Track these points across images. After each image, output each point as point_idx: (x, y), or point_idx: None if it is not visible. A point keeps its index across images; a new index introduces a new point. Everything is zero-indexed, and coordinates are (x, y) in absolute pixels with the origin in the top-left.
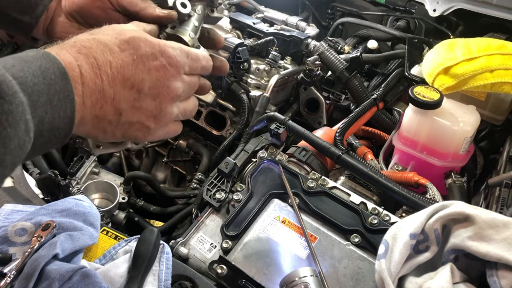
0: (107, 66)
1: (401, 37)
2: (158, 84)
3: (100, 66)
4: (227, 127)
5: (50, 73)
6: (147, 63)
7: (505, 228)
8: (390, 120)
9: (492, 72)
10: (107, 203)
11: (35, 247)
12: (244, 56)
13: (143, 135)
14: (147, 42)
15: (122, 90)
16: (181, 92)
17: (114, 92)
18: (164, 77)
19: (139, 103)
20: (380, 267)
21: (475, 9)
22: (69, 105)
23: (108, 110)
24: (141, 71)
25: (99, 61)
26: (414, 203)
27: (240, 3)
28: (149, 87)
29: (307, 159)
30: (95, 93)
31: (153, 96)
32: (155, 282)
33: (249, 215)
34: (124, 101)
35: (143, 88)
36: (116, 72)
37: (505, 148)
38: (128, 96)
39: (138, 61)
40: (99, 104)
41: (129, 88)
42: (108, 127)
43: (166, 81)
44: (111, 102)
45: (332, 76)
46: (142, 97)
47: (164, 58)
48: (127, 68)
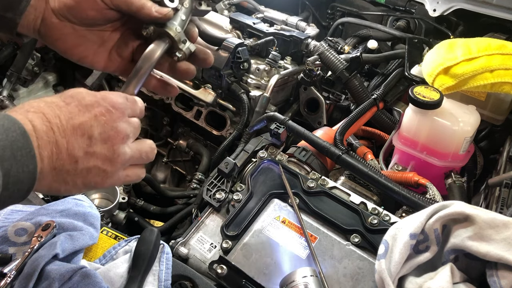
0: (57, 119)
1: (401, 37)
2: (106, 127)
3: (49, 119)
4: (227, 127)
5: (11, 131)
6: (92, 110)
7: (505, 228)
8: (390, 120)
9: (492, 72)
10: (107, 203)
11: (35, 247)
12: (244, 56)
13: (101, 180)
14: (89, 93)
15: (74, 139)
16: (130, 133)
17: (67, 142)
18: (111, 120)
19: (92, 148)
20: (380, 267)
21: (475, 9)
22: (31, 160)
23: (65, 159)
24: (88, 119)
25: (48, 116)
26: (414, 203)
27: (240, 3)
28: (98, 132)
29: (307, 159)
30: (49, 144)
31: (104, 140)
32: (155, 282)
33: (249, 215)
34: (78, 148)
35: (93, 133)
36: (65, 123)
37: (505, 148)
38: (80, 143)
39: (83, 110)
40: (55, 155)
41: (80, 136)
42: (68, 176)
43: (113, 123)
44: (66, 151)
45: (332, 76)
46: (93, 142)
47: (107, 103)
48: (75, 118)
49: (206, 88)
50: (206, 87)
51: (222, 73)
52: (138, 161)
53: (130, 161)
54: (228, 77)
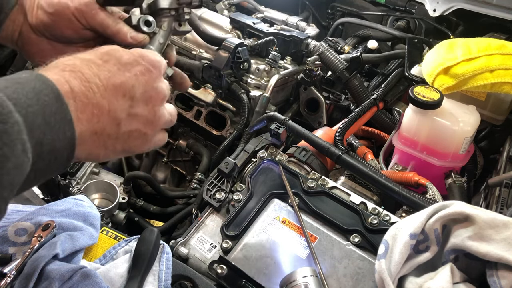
0: (96, 78)
1: (401, 37)
2: (147, 88)
3: (88, 79)
4: (227, 127)
5: (43, 94)
6: (132, 69)
7: (505, 228)
8: (390, 120)
9: (492, 72)
10: (107, 203)
11: (35, 247)
12: (244, 56)
13: (141, 143)
14: (125, 51)
15: (116, 100)
16: (167, 93)
17: (108, 103)
18: (151, 79)
19: (134, 110)
20: (380, 267)
21: (475, 9)
22: (67, 126)
23: (106, 123)
24: (129, 78)
25: (86, 75)
26: (414, 203)
27: (240, 3)
28: (140, 93)
29: (307, 159)
30: (89, 106)
31: (146, 101)
32: (155, 282)
33: (249, 215)
34: (120, 110)
35: (134, 94)
36: (105, 82)
37: (505, 148)
38: (122, 104)
39: (123, 69)
40: (96, 118)
41: (121, 97)
42: (108, 141)
43: (153, 83)
44: (107, 113)
45: (332, 76)
46: (135, 103)
47: (146, 61)
48: (115, 77)
49: (206, 88)
50: (206, 87)
51: (222, 73)
52: (169, 125)
53: (166, 124)
54: (228, 77)
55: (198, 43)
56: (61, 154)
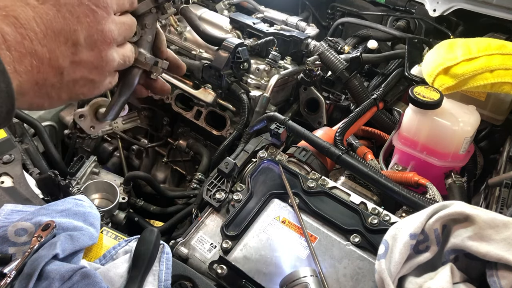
0: (33, 22)
1: (401, 37)
2: (91, 31)
3: (23, 24)
4: (227, 127)
5: None
6: (74, 10)
7: (505, 228)
8: (390, 120)
9: (492, 72)
10: (107, 203)
11: (35, 247)
12: (244, 56)
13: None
14: None
15: (57, 46)
16: (117, 35)
17: (48, 51)
18: (95, 21)
19: (78, 56)
20: (380, 267)
21: (475, 9)
22: (1, 77)
23: (47, 72)
24: (70, 21)
25: (21, 19)
26: (414, 203)
27: (240, 3)
28: (84, 37)
29: (307, 159)
30: (27, 56)
31: (91, 46)
32: (155, 282)
33: (249, 215)
34: (62, 58)
35: (78, 39)
36: (44, 27)
37: (505, 148)
38: (64, 51)
39: (63, 10)
40: (36, 69)
41: (63, 43)
42: (52, 91)
43: (98, 25)
44: (48, 62)
45: (332, 76)
46: (79, 50)
47: (89, 1)
48: (55, 20)
49: (206, 88)
50: (206, 87)
51: (222, 73)
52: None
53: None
54: (228, 77)
55: (198, 43)
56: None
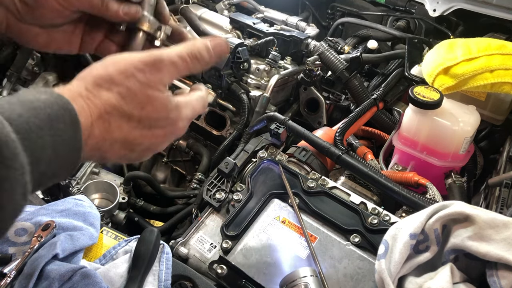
0: (116, 133)
1: (401, 37)
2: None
3: (111, 131)
4: (227, 127)
5: (59, 121)
6: (155, 131)
7: (505, 228)
8: (390, 120)
9: (492, 72)
10: (107, 203)
11: (35, 247)
12: (244, 56)
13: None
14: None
15: (119, 149)
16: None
17: (108, 150)
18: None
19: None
20: (380, 267)
21: (475, 9)
22: (76, 154)
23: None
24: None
25: (112, 126)
26: (414, 203)
27: (240, 3)
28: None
29: (307, 159)
30: (94, 150)
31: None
32: (155, 282)
33: (249, 215)
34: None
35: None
36: (121, 138)
37: (505, 148)
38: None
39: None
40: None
41: (129, 151)
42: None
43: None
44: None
45: (332, 76)
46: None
47: (171, 128)
48: (133, 136)
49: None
50: (206, 87)
51: (222, 73)
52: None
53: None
54: (228, 77)
55: None
56: (60, 177)
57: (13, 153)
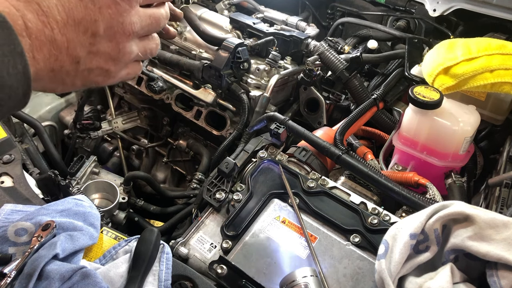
0: (55, 10)
1: (401, 37)
2: (112, 23)
3: (46, 12)
4: (227, 127)
5: None
6: (96, 1)
7: (505, 228)
8: (390, 120)
9: (492, 72)
10: (107, 203)
11: (35, 247)
12: (244, 56)
13: (103, 80)
14: None
15: (76, 36)
16: (138, 28)
17: (67, 40)
18: (117, 13)
19: (96, 47)
20: (380, 267)
21: (475, 9)
22: (18, 59)
23: (64, 60)
24: (92, 11)
25: (43, 7)
26: (414, 203)
27: (240, 3)
28: (104, 28)
29: (307, 159)
30: (46, 44)
31: (109, 37)
32: (155, 282)
33: (249, 215)
34: (80, 47)
35: (97, 29)
36: (65, 16)
37: (505, 148)
38: (83, 41)
39: (86, 0)
40: (53, 56)
41: (82, 33)
42: (67, 78)
43: (119, 17)
44: (66, 51)
45: (332, 76)
46: (98, 40)
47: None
48: (76, 9)
49: (206, 88)
50: (206, 87)
51: (222, 73)
52: (141, 58)
53: (134, 59)
54: (228, 77)
55: (198, 43)
56: (14, 90)
57: None
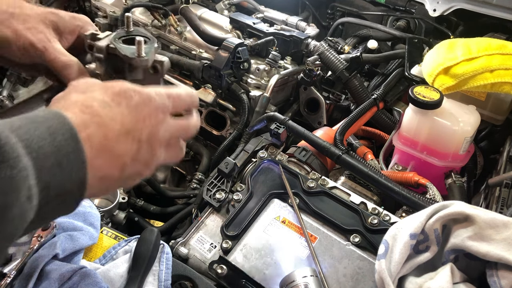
0: (112, 122)
1: (401, 37)
2: (153, 131)
3: (105, 123)
4: (227, 127)
5: (59, 134)
6: (141, 112)
7: (505, 228)
8: (390, 120)
9: (492, 72)
10: (107, 203)
11: (35, 247)
12: (244, 56)
13: (132, 183)
14: (136, 91)
15: (125, 144)
16: (169, 137)
17: (118, 149)
18: (156, 122)
19: (139, 154)
20: (380, 267)
21: (475, 9)
22: (80, 166)
23: (114, 169)
24: (138, 121)
25: (104, 119)
26: (414, 203)
27: (240, 3)
28: (146, 136)
29: (307, 159)
30: (102, 153)
31: (149, 144)
32: (155, 282)
33: (249, 215)
34: (127, 155)
35: (141, 137)
36: (119, 127)
37: (505, 148)
38: (130, 149)
39: (134, 112)
40: (107, 164)
41: (131, 141)
42: (111, 185)
43: (157, 126)
44: (116, 159)
45: (332, 76)
46: (141, 147)
47: (153, 105)
48: (127, 120)
49: (206, 88)
50: (206, 87)
51: (222, 73)
52: (165, 164)
53: (161, 164)
54: (228, 77)
55: (198, 43)
56: (69, 196)
57: (16, 154)
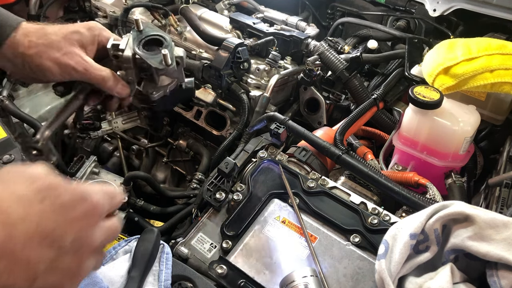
0: (23, 223)
1: (401, 37)
2: (82, 236)
3: (13, 223)
4: (227, 127)
5: None
6: (68, 213)
7: (505, 228)
8: (390, 120)
9: (492, 72)
10: None
11: None
12: (244, 56)
13: None
14: (67, 189)
15: (39, 250)
16: (100, 243)
17: (28, 255)
18: (87, 226)
19: (58, 262)
20: (380, 267)
21: (475, 9)
22: None
23: (20, 277)
24: (62, 224)
25: (12, 217)
26: (414, 203)
27: (240, 3)
28: (70, 242)
29: (307, 159)
30: (4, 258)
31: (74, 251)
32: (155, 282)
33: (249, 215)
34: (40, 263)
35: (63, 243)
36: (33, 229)
37: (505, 148)
38: (46, 256)
39: (58, 211)
40: (8, 272)
41: (47, 247)
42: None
43: (88, 230)
44: (25, 266)
45: (332, 76)
46: (61, 254)
47: (87, 204)
48: (46, 222)
49: (206, 88)
50: (206, 87)
51: (222, 73)
52: (89, 274)
53: (86, 275)
54: (228, 77)
55: (198, 43)
56: None
57: None
